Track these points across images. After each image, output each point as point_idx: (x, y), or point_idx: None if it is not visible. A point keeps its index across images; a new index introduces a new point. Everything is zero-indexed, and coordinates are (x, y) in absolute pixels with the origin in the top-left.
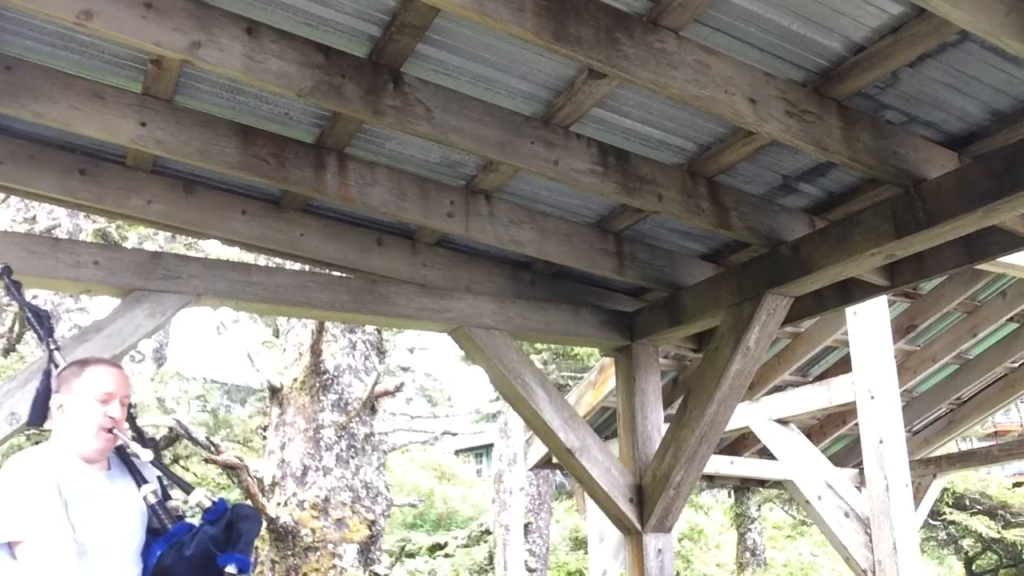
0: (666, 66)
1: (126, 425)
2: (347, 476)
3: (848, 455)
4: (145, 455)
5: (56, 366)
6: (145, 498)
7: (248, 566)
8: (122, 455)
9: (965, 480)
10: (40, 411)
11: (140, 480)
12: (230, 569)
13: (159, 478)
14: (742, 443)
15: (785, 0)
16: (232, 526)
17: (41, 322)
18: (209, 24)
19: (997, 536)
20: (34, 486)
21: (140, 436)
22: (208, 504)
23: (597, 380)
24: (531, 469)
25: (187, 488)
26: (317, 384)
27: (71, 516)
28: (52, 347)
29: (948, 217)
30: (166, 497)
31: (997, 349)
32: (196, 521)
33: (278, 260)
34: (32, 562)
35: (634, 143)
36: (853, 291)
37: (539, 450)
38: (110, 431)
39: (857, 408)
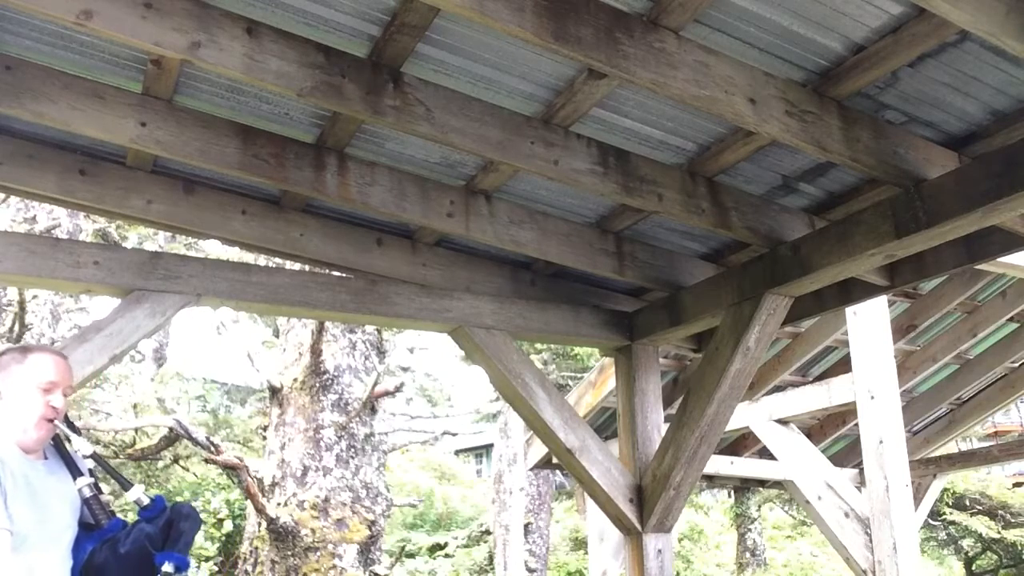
0: (666, 66)
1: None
2: (347, 476)
3: (848, 455)
4: (85, 448)
5: None
6: (80, 491)
7: (186, 565)
8: (58, 446)
9: (965, 480)
10: None
11: (76, 472)
12: (167, 568)
13: (91, 471)
14: (742, 443)
15: (785, 0)
16: (171, 525)
17: None
18: (209, 24)
19: (997, 536)
20: None
21: (74, 429)
22: (146, 501)
23: (597, 380)
24: (531, 469)
25: (126, 484)
26: (317, 384)
27: (8, 507)
28: None
29: (948, 217)
30: (100, 490)
31: (997, 349)
32: (131, 518)
33: (278, 260)
34: None
35: (634, 143)
36: (853, 291)
37: (539, 450)
38: (51, 421)
39: (857, 408)
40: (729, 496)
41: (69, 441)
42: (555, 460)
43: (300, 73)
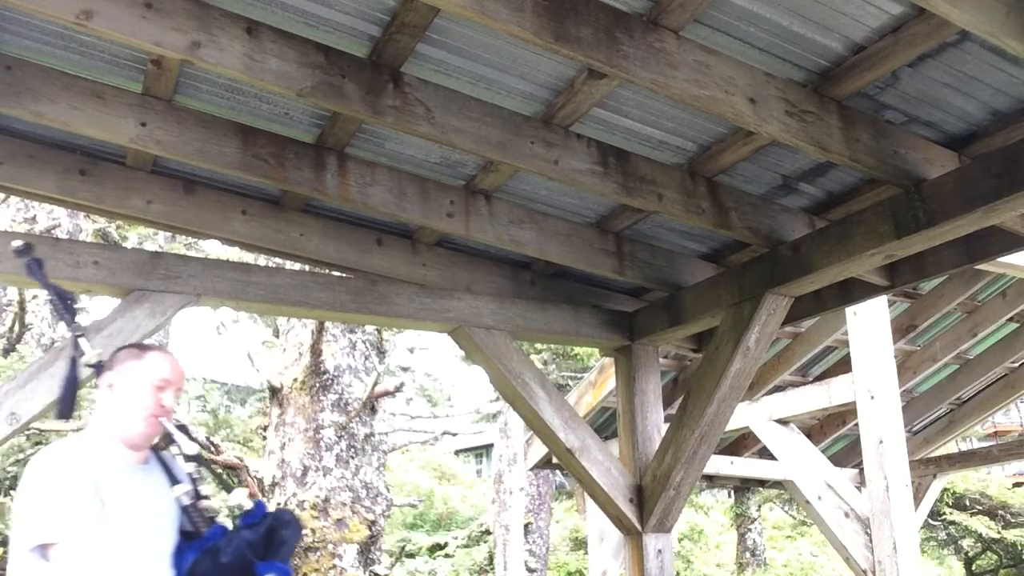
0: (666, 66)
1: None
2: (347, 476)
3: (848, 455)
4: (190, 448)
5: (81, 353)
6: (178, 499)
7: (288, 575)
8: (157, 452)
9: (965, 480)
10: (69, 402)
11: (173, 480)
12: None
13: (190, 476)
14: (742, 443)
15: (785, 0)
16: (273, 532)
17: (66, 305)
18: (209, 24)
19: (997, 536)
20: (70, 485)
21: (184, 431)
22: (248, 506)
23: (597, 380)
24: (531, 469)
25: (228, 488)
26: (317, 384)
27: (107, 517)
28: (77, 333)
29: (948, 217)
30: (198, 497)
31: (997, 349)
32: (229, 523)
33: (278, 260)
34: (66, 566)
35: (634, 143)
36: (853, 291)
37: (539, 450)
38: (158, 418)
39: (857, 408)
40: (729, 496)
41: (173, 443)
42: (555, 460)
43: (300, 73)
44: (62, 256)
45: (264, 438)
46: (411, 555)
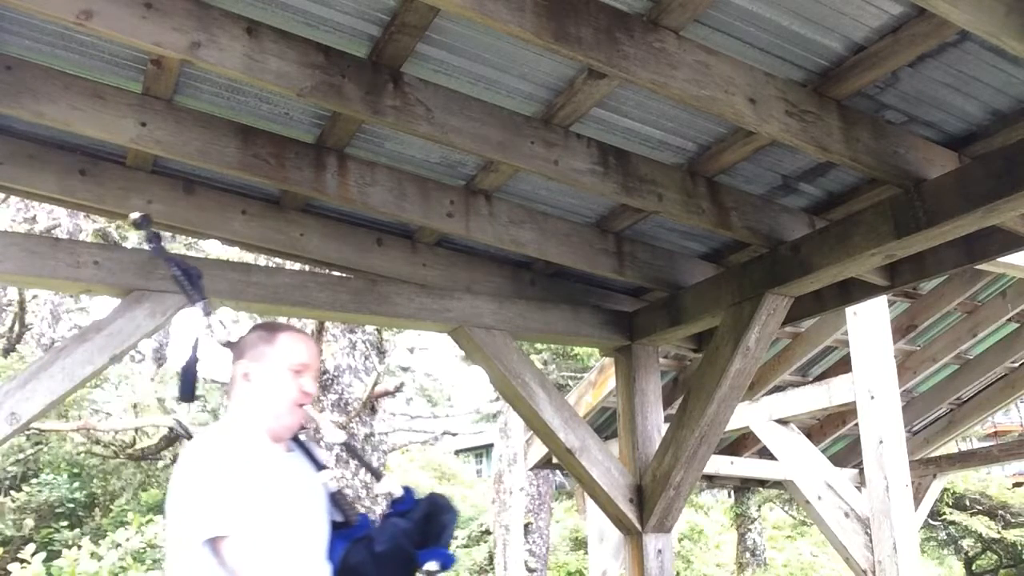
0: (666, 66)
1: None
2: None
3: (848, 455)
4: (337, 436)
5: (212, 332)
6: (326, 484)
7: (452, 561)
8: (297, 438)
9: (965, 480)
10: (191, 385)
11: (318, 466)
12: (431, 567)
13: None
14: (742, 443)
15: (785, 0)
16: (431, 518)
17: (193, 282)
18: (209, 24)
19: (997, 536)
20: (234, 478)
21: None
22: (399, 493)
23: (597, 380)
24: (531, 469)
25: (378, 474)
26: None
27: (269, 510)
28: (207, 312)
29: (948, 217)
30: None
31: (997, 349)
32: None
33: (278, 260)
34: (240, 559)
35: (634, 143)
36: (853, 291)
37: (539, 450)
38: (302, 407)
39: (857, 408)
40: (729, 496)
41: (315, 430)
42: (555, 460)
43: (300, 73)
44: (62, 256)
45: None
46: None
